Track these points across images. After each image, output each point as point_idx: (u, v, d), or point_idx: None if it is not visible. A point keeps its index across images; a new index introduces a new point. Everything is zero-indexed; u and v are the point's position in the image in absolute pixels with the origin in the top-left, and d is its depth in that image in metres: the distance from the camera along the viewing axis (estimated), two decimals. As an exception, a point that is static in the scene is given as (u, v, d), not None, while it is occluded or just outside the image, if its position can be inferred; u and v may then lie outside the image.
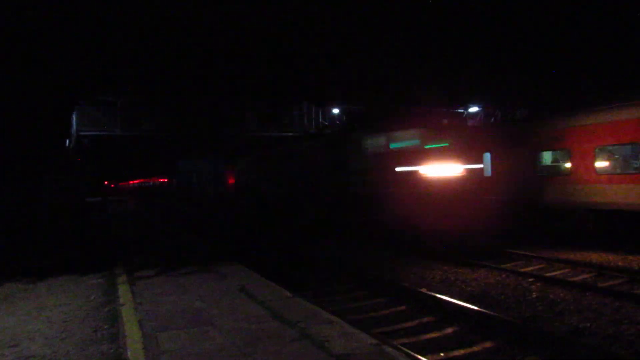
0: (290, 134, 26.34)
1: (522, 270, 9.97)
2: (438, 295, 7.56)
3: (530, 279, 9.15)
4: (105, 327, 5.93)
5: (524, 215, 14.60)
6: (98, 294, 7.61)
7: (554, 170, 14.49)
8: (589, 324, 6.52)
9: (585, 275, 9.57)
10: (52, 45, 14.04)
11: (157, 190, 74.37)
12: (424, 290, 8.18)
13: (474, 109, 28.65)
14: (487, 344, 5.89)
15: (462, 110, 28.53)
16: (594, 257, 11.25)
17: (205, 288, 7.41)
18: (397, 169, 13.23)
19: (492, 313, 6.70)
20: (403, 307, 7.56)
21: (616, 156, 12.86)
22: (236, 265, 9.12)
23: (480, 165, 13.64)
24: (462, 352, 5.71)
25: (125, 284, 7.85)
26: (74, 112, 22.45)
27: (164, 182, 72.46)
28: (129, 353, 4.77)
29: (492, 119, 26.81)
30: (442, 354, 5.61)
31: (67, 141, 22.15)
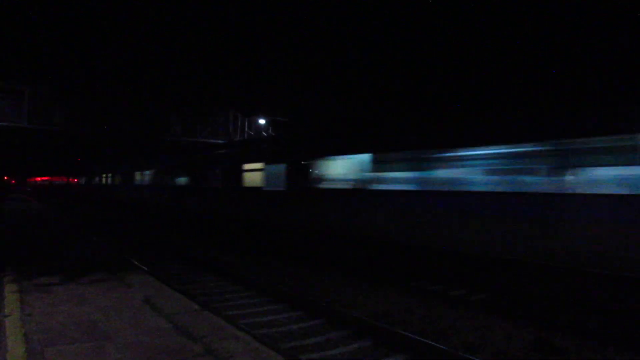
0: (217, 141, 25.77)
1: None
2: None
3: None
4: (-16, 340, 5.30)
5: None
6: (-21, 303, 6.81)
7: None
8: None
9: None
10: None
11: (68, 189, 69.35)
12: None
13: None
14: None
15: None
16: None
17: (107, 299, 6.91)
18: None
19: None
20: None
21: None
22: (143, 275, 8.63)
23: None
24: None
25: (14, 293, 7.10)
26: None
27: (74, 181, 67.68)
28: (7, 371, 4.29)
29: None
30: (348, 370, 5.66)
31: None
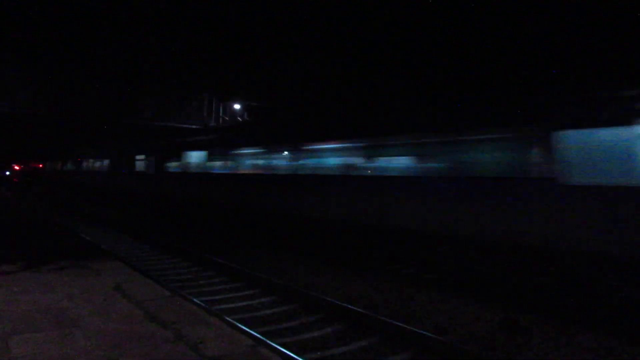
0: (191, 125, 25.26)
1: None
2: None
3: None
4: (-56, 330, 5.14)
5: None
6: (-60, 292, 6.58)
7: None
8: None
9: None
10: None
11: (37, 175, 67.32)
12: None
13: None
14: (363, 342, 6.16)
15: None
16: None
17: (76, 286, 6.78)
18: None
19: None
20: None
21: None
22: (114, 261, 8.50)
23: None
24: (340, 350, 5.90)
25: (-23, 281, 6.90)
26: None
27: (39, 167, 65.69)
28: (-32, 361, 4.18)
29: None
30: (319, 353, 5.74)
31: None
